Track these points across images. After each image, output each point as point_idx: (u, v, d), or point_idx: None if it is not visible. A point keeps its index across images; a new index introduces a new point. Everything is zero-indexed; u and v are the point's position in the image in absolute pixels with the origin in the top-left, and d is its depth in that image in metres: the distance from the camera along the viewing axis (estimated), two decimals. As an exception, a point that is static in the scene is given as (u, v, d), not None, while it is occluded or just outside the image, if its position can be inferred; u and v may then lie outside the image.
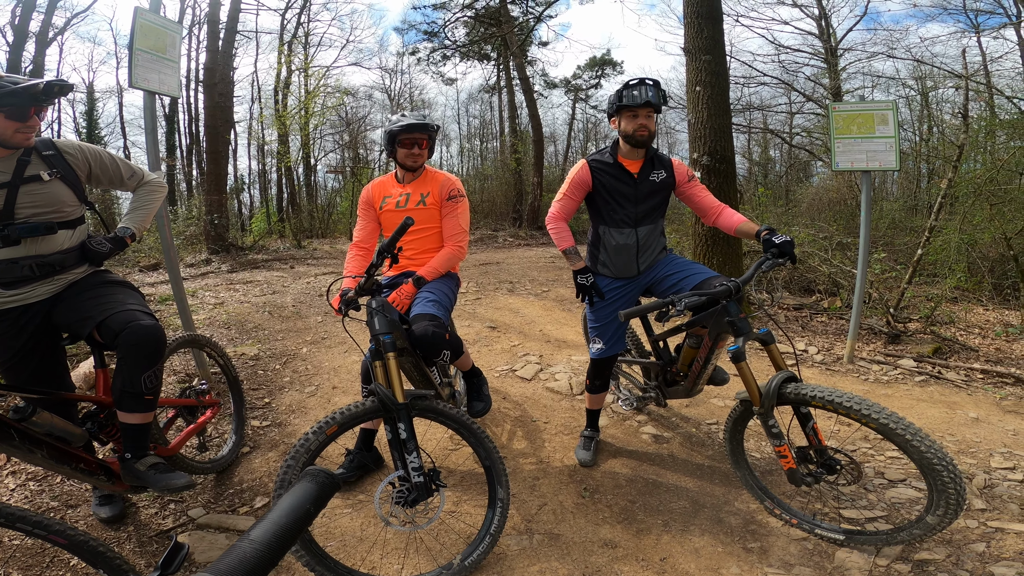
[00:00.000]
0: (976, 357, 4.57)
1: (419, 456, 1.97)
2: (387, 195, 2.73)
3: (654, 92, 2.39)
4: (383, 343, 2.06)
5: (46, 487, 2.52)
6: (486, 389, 2.91)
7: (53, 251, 1.95)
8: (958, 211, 6.33)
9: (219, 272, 9.14)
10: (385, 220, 2.74)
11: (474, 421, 2.16)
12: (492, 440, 2.16)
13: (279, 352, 4.53)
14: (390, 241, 2.10)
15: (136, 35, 3.11)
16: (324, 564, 1.91)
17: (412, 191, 2.69)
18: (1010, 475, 2.62)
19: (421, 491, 1.94)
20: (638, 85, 2.40)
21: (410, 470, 1.94)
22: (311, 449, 1.91)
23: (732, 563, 2.11)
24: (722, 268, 5.35)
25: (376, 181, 2.82)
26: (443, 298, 2.53)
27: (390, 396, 1.96)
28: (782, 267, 2.25)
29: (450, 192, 2.68)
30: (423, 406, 2.08)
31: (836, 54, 13.96)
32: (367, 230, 2.77)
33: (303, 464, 1.88)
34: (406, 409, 1.98)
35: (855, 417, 1.91)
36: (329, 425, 1.95)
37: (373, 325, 2.10)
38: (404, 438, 1.96)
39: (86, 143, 2.12)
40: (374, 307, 2.13)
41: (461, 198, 2.72)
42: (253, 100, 22.36)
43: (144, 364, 1.90)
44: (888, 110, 4.21)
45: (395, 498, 1.94)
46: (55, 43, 18.24)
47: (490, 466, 2.16)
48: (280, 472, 1.86)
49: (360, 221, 2.79)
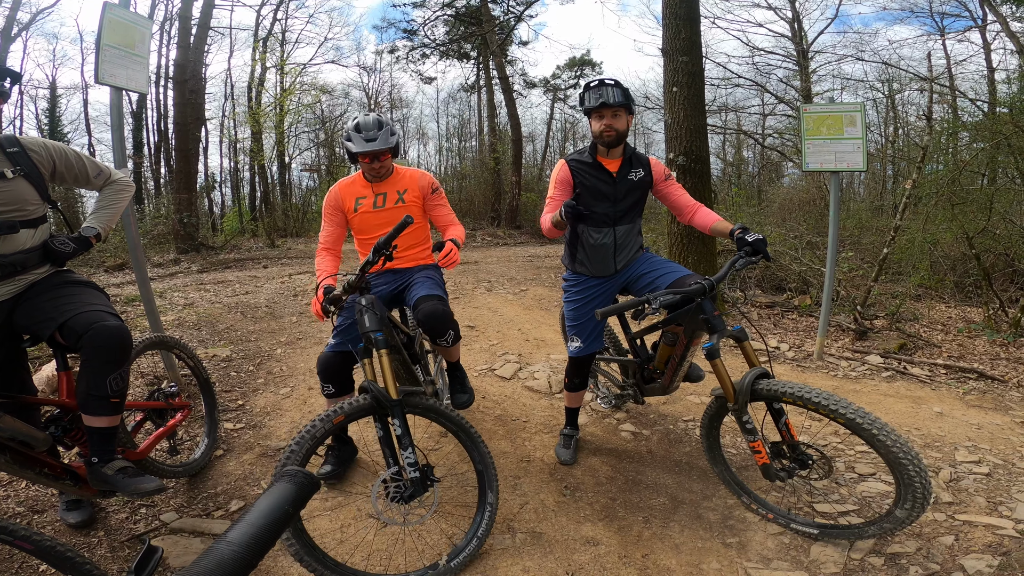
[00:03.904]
0: (939, 353, 4.72)
1: (414, 452, 1.96)
2: (360, 196, 2.67)
3: (612, 92, 2.37)
4: (375, 340, 2.04)
5: (11, 492, 2.43)
6: (468, 382, 2.92)
7: (14, 251, 1.88)
8: (922, 211, 6.53)
9: (189, 272, 8.94)
10: (361, 222, 2.68)
11: (471, 424, 2.16)
12: (486, 444, 2.16)
13: (252, 353, 4.44)
14: (388, 238, 2.09)
15: (104, 30, 3.02)
16: (313, 555, 1.89)
17: (387, 190, 2.67)
18: (975, 468, 2.70)
19: (417, 487, 1.94)
20: (597, 87, 2.40)
21: (406, 466, 1.94)
22: (317, 436, 1.90)
23: (712, 558, 2.14)
24: (697, 266, 5.44)
25: (343, 183, 2.73)
26: (441, 283, 2.63)
27: (384, 393, 1.95)
28: (755, 265, 2.29)
29: (431, 186, 2.76)
30: (421, 404, 2.08)
31: (808, 56, 14.29)
32: (335, 235, 2.69)
33: (307, 451, 1.88)
34: (400, 405, 1.97)
35: (825, 413, 1.95)
36: (336, 414, 1.95)
37: (363, 323, 2.08)
38: (399, 434, 1.95)
39: (51, 140, 2.05)
40: (364, 304, 2.11)
41: (440, 189, 2.81)
42: (226, 97, 21.89)
43: (110, 366, 1.85)
44: (856, 112, 4.32)
45: (391, 495, 1.93)
46: (19, 39, 17.62)
47: (483, 470, 2.16)
48: (282, 458, 1.85)
49: (327, 225, 2.70)
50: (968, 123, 7.46)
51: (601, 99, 2.37)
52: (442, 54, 22.39)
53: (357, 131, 2.51)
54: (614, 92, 2.37)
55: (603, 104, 2.37)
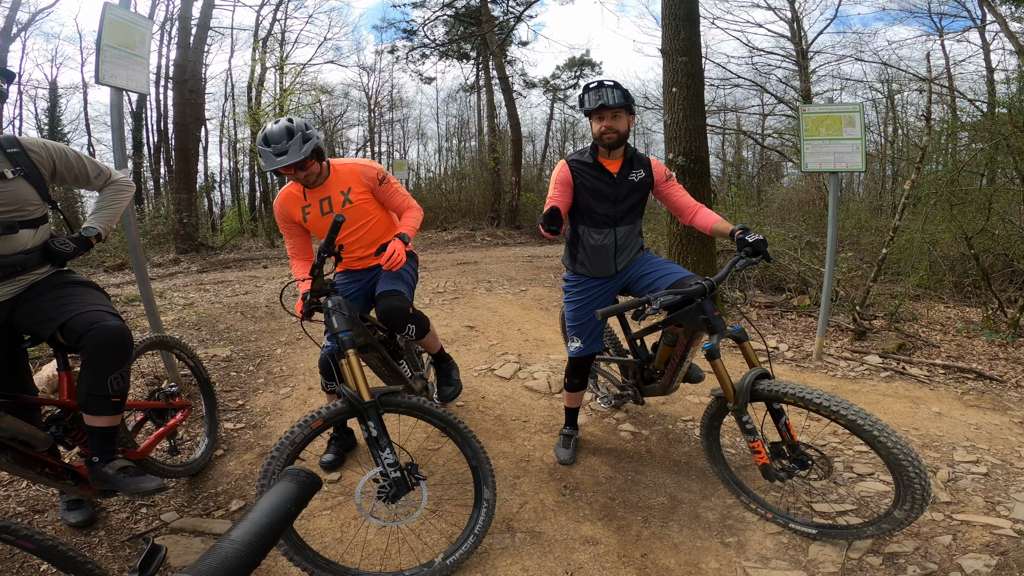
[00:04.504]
0: (938, 353, 4.73)
1: (393, 452, 1.96)
2: (305, 205, 2.57)
3: (611, 93, 2.36)
4: (343, 341, 2.05)
5: (12, 492, 2.44)
6: (456, 373, 2.91)
7: (15, 251, 1.88)
8: (921, 212, 6.54)
9: (188, 272, 8.94)
10: (316, 228, 2.62)
11: (461, 420, 2.16)
12: (478, 439, 2.16)
13: (252, 353, 4.44)
14: (326, 242, 2.10)
15: (104, 31, 3.03)
16: (303, 554, 1.89)
17: (330, 194, 2.57)
18: (973, 468, 2.71)
19: (400, 486, 1.94)
20: (596, 88, 2.39)
21: (385, 466, 1.94)
22: (296, 442, 1.91)
23: (711, 558, 2.15)
24: (697, 267, 5.44)
25: (284, 193, 2.61)
26: (406, 275, 2.60)
27: (355, 395, 1.95)
28: (755, 266, 2.29)
29: (378, 177, 2.61)
30: (403, 403, 2.07)
31: (807, 57, 14.30)
32: (298, 244, 2.69)
33: (287, 456, 1.88)
34: (374, 407, 1.96)
35: (825, 413, 1.95)
36: (315, 419, 1.96)
37: (332, 323, 2.09)
38: (376, 436, 1.95)
39: (51, 141, 2.05)
40: (331, 306, 2.12)
41: (388, 175, 2.65)
42: (226, 97, 21.92)
43: (110, 366, 1.85)
44: (855, 112, 4.32)
45: (376, 494, 1.95)
46: (18, 39, 17.62)
47: (476, 466, 2.15)
48: (265, 464, 1.86)
49: (287, 238, 2.69)
50: (967, 123, 7.48)
51: (600, 100, 2.36)
52: (442, 54, 22.38)
53: (266, 144, 2.32)
54: (613, 94, 2.36)
55: (602, 106, 2.36)
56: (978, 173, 6.41)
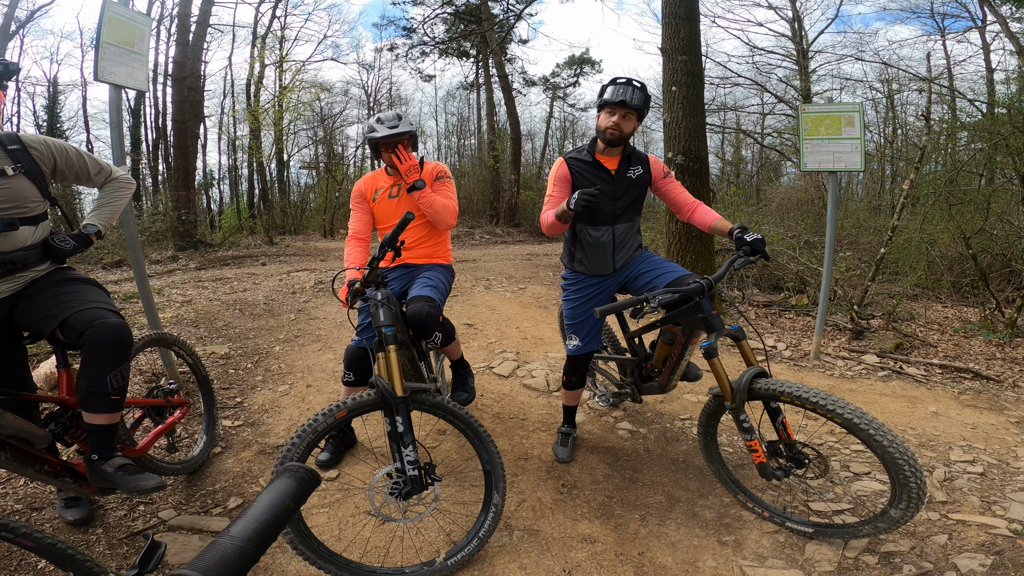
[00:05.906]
0: (935, 353, 4.74)
1: (415, 450, 1.97)
2: (379, 187, 2.85)
3: (633, 93, 2.38)
4: (385, 335, 2.07)
5: (10, 489, 2.44)
6: (471, 381, 2.93)
7: (15, 248, 1.88)
8: (919, 211, 6.57)
9: (187, 269, 8.93)
10: (378, 211, 2.83)
11: (480, 423, 2.16)
12: (495, 444, 2.17)
13: (251, 351, 4.45)
14: (392, 235, 2.15)
15: (104, 28, 3.02)
16: (308, 544, 1.90)
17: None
18: (969, 468, 2.72)
19: (416, 484, 1.95)
20: (624, 84, 2.40)
21: (406, 463, 1.95)
22: (318, 431, 1.91)
23: (708, 556, 2.16)
24: (695, 265, 5.45)
25: (367, 176, 2.93)
26: (440, 284, 2.66)
27: (390, 389, 1.96)
28: (753, 265, 2.30)
29: (436, 174, 2.83)
30: (429, 401, 2.09)
31: (807, 56, 14.31)
32: (362, 222, 2.85)
33: (308, 444, 1.89)
34: (405, 403, 1.98)
35: (822, 412, 1.96)
36: (340, 408, 1.96)
37: (378, 316, 2.11)
38: (402, 431, 1.96)
39: (51, 138, 2.05)
40: (379, 299, 2.14)
41: (447, 179, 2.87)
42: (225, 94, 21.89)
43: (110, 363, 1.85)
44: (854, 112, 4.33)
45: (390, 489, 1.95)
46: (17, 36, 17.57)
47: (490, 470, 2.15)
48: (284, 451, 1.86)
49: (354, 214, 2.87)
50: (967, 124, 7.48)
51: (622, 97, 2.37)
52: (441, 52, 22.35)
53: (379, 123, 2.75)
54: (637, 95, 2.38)
55: (622, 102, 2.37)
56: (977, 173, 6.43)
